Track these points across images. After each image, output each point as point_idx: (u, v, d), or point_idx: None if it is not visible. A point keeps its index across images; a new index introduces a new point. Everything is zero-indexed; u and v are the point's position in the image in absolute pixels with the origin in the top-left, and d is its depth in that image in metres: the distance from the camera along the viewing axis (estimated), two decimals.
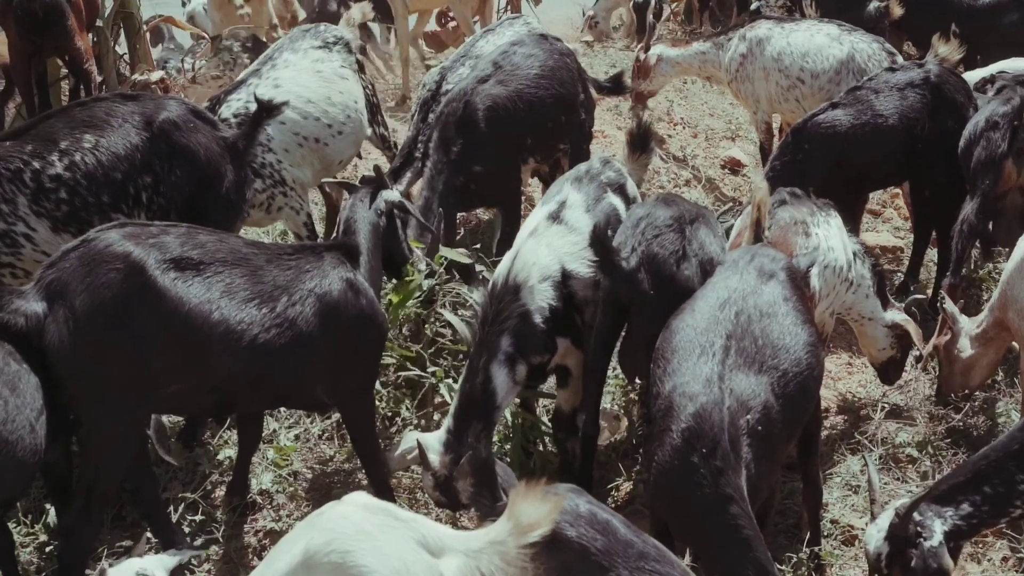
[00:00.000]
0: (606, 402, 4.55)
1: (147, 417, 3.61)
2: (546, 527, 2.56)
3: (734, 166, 7.45)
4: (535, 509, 2.54)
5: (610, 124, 7.33)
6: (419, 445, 3.63)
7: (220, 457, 4.22)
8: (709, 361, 3.25)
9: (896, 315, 4.80)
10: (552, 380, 4.23)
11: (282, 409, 4.43)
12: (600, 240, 3.79)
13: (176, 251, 3.39)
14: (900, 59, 6.34)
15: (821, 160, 5.48)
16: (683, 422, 3.12)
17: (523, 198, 5.81)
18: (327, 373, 3.63)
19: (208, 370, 3.43)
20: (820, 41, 6.43)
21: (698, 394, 3.16)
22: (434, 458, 3.64)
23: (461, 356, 4.64)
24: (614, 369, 4.42)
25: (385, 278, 4.38)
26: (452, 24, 9.15)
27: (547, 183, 5.73)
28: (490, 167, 5.04)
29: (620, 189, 4.34)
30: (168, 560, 3.13)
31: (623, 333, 4.01)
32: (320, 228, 5.95)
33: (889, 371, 4.94)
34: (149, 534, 3.72)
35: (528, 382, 4.01)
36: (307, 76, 5.10)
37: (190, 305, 3.34)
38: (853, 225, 5.35)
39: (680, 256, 3.80)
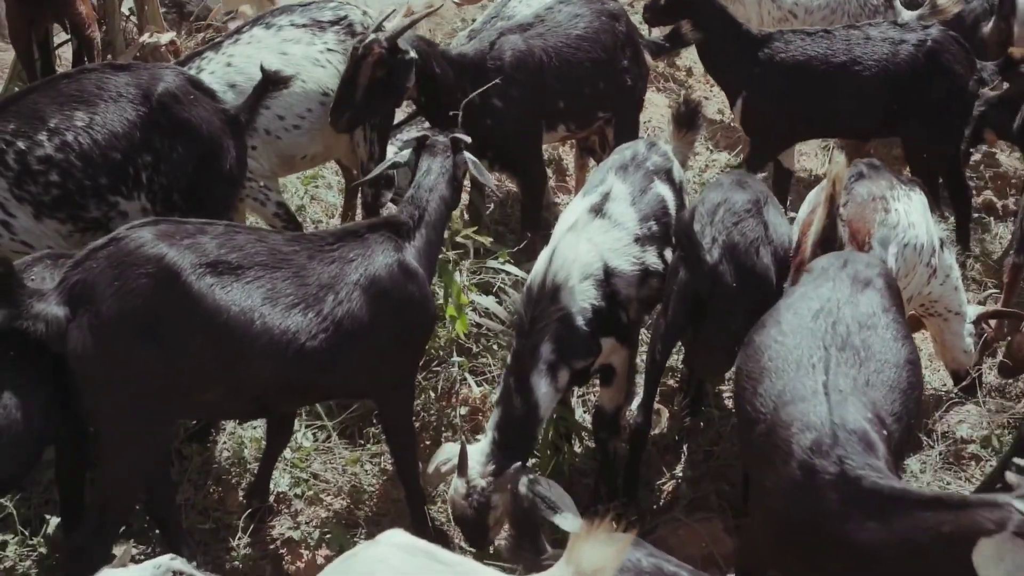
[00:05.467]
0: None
1: (173, 429, 3.38)
2: (611, 572, 2.26)
3: None
4: (598, 552, 2.24)
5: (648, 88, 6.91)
6: (462, 448, 3.36)
7: (234, 458, 3.94)
8: (811, 374, 2.92)
9: (977, 308, 4.48)
10: None
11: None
12: (687, 234, 3.56)
13: (213, 254, 3.12)
14: (897, 3, 5.97)
15: (777, 81, 5.16)
16: (796, 442, 2.76)
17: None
18: (372, 364, 3.39)
19: (248, 380, 3.19)
20: None
21: (807, 411, 2.82)
22: (475, 466, 3.37)
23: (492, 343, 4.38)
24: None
25: None
26: None
27: (595, 153, 5.35)
28: (511, 113, 4.67)
29: (667, 175, 4.02)
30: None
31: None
32: (336, 200, 5.65)
33: (966, 379, 4.56)
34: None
35: (570, 386, 3.75)
36: (267, 56, 4.33)
37: (229, 314, 3.08)
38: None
39: (760, 243, 3.61)
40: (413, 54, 4.33)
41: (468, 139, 3.85)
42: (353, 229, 3.50)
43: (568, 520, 2.55)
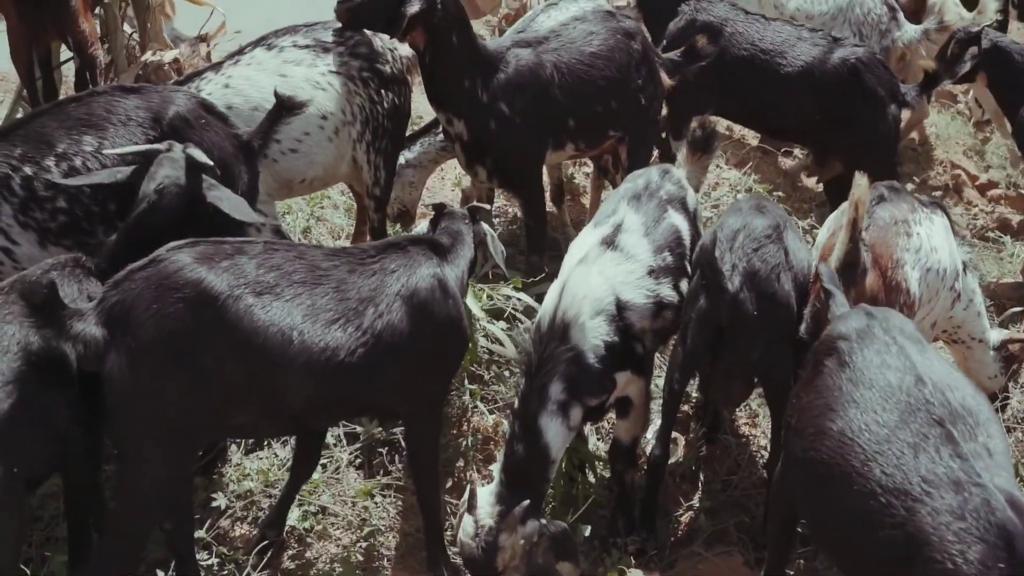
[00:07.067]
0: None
1: (198, 455, 3.33)
2: None
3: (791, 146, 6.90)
4: None
5: None
6: (470, 487, 3.33)
7: (239, 490, 3.83)
8: (937, 459, 2.55)
9: (1000, 333, 4.37)
10: None
11: None
12: (707, 261, 3.48)
13: (252, 274, 3.08)
14: (901, 16, 5.97)
15: (712, 69, 5.18)
16: (961, 555, 2.43)
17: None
18: (409, 378, 3.34)
19: (285, 401, 3.15)
20: None
21: (960, 512, 2.47)
22: (484, 506, 3.31)
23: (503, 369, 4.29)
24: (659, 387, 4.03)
25: None
26: None
27: (608, 173, 5.26)
28: (516, 121, 4.56)
29: (681, 203, 3.93)
30: None
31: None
32: (342, 221, 5.57)
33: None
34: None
35: (584, 422, 3.65)
36: (266, 79, 4.20)
37: (265, 336, 3.04)
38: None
39: (781, 270, 3.54)
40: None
41: (487, 207, 3.80)
42: (395, 242, 3.50)
43: None
